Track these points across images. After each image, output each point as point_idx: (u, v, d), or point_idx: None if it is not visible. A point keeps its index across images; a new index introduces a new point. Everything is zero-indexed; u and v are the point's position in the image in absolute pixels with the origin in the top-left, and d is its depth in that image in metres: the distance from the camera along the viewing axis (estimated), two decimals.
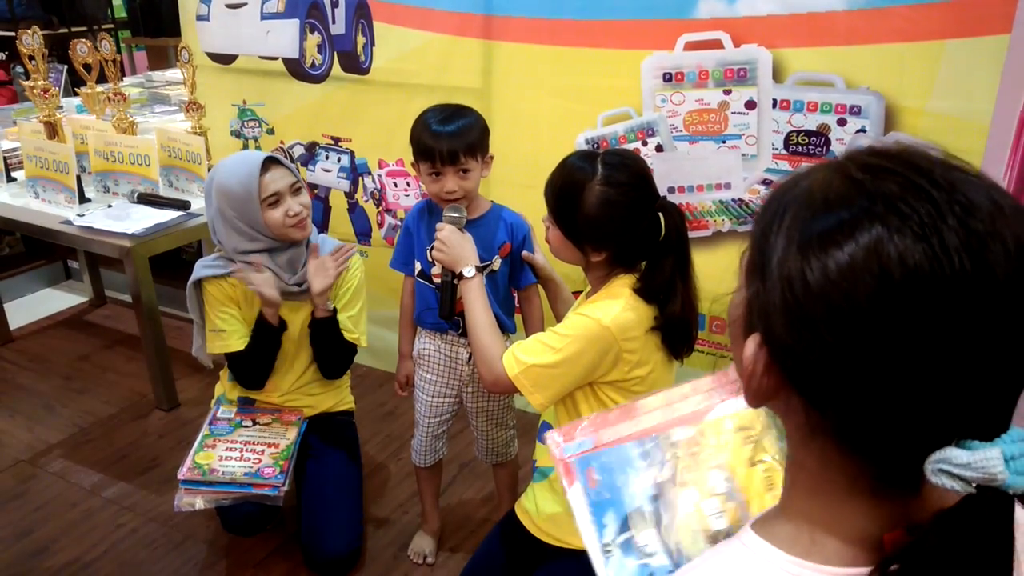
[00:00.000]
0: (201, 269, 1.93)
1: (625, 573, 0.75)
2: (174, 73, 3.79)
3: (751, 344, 0.55)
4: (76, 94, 3.31)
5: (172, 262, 3.28)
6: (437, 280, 1.74)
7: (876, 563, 0.52)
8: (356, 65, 2.52)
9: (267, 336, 1.91)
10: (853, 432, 0.53)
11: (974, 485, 0.47)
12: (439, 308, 1.64)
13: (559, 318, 1.60)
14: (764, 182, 2.03)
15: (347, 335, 1.98)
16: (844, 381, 0.50)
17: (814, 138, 1.93)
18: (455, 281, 1.57)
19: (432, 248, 1.61)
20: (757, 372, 0.55)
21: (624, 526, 0.78)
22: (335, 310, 1.94)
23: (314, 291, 1.87)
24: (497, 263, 1.74)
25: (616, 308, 1.31)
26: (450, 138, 1.61)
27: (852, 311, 0.48)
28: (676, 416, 0.84)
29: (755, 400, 0.58)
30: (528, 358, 1.34)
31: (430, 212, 1.77)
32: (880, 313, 0.47)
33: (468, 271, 1.53)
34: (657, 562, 0.76)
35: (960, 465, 0.47)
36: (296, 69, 2.64)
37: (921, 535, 0.50)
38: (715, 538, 0.76)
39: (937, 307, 0.47)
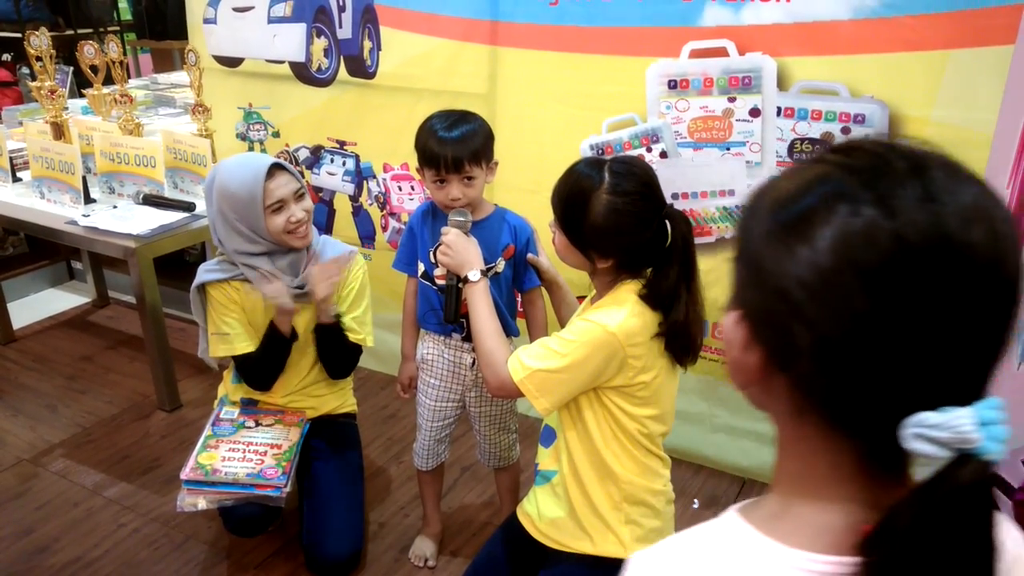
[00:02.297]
0: (204, 274, 1.93)
1: None
2: (179, 76, 3.81)
3: (729, 320, 0.57)
4: (82, 95, 3.33)
5: (175, 264, 3.29)
6: (440, 281, 1.75)
7: (855, 552, 0.52)
8: (362, 69, 2.53)
9: (279, 344, 1.91)
10: (833, 406, 0.53)
11: (951, 451, 0.48)
12: (444, 312, 1.65)
13: (563, 322, 1.61)
14: None
15: (352, 336, 1.98)
16: (820, 351, 0.51)
17: (818, 146, 1.94)
18: (460, 285, 1.58)
19: (437, 251, 1.61)
20: (734, 345, 0.57)
21: None
22: (339, 315, 1.95)
23: (317, 299, 1.86)
24: (501, 265, 1.74)
25: (622, 314, 1.32)
26: (455, 145, 1.61)
27: (823, 284, 0.49)
28: None
29: (738, 377, 0.59)
30: (533, 363, 1.35)
31: (434, 213, 1.78)
32: (850, 285, 0.49)
33: (473, 275, 1.53)
34: None
35: (932, 426, 0.48)
36: (302, 73, 2.66)
37: (893, 510, 0.50)
38: None
39: (906, 278, 0.47)
